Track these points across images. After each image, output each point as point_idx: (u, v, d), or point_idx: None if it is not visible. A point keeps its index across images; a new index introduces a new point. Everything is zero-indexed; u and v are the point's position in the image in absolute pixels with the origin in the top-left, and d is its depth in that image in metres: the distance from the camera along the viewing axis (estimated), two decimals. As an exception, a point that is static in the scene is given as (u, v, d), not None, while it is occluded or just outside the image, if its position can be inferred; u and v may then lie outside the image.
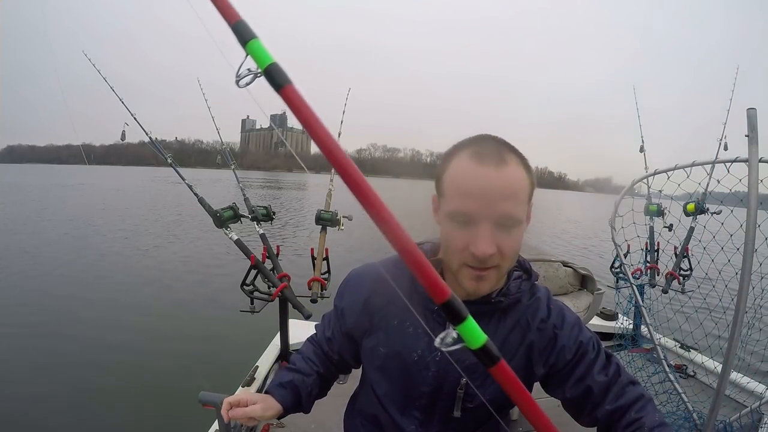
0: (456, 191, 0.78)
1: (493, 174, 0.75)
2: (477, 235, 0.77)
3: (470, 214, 0.76)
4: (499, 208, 0.75)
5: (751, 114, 1.64)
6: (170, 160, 2.66)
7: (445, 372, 0.94)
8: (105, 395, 3.92)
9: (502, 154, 0.77)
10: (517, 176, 0.78)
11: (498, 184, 0.75)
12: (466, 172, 0.77)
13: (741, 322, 1.69)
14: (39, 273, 8.13)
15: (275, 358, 2.85)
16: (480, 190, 0.75)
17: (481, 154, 0.77)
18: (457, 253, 0.81)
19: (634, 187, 2.38)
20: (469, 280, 0.82)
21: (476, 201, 0.76)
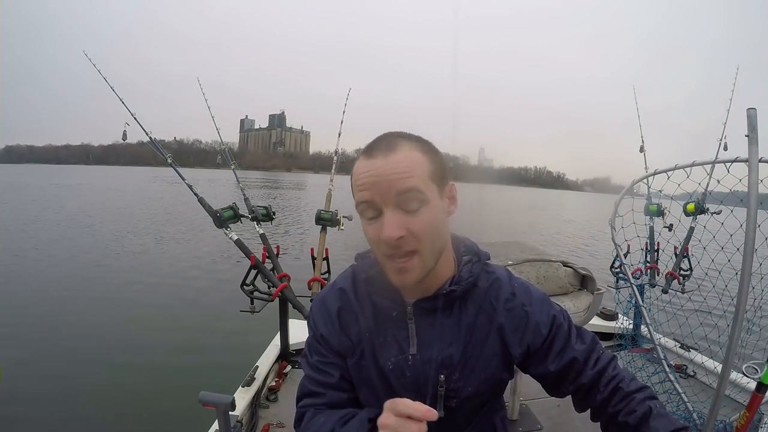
0: (355, 188, 0.81)
1: (380, 162, 0.77)
2: (382, 222, 0.77)
3: (369, 203, 0.78)
4: (393, 189, 0.76)
5: (751, 114, 1.64)
6: (170, 159, 2.66)
7: (421, 373, 0.93)
8: (105, 395, 3.91)
9: (392, 144, 0.79)
10: (409, 157, 0.78)
11: (386, 168, 0.76)
12: (359, 169, 0.80)
13: (741, 322, 1.69)
14: (39, 273, 8.14)
15: (275, 358, 2.85)
16: (370, 178, 0.77)
17: (371, 148, 0.80)
18: (375, 248, 0.83)
19: (634, 186, 2.38)
20: (393, 273, 0.82)
21: (369, 190, 0.77)
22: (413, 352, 0.92)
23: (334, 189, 3.06)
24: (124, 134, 2.54)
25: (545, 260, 2.34)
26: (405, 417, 0.71)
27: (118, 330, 5.45)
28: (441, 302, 0.91)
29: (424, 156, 0.80)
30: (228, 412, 1.44)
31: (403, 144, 0.79)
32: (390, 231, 0.76)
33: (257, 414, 2.39)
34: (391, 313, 0.93)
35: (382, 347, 0.94)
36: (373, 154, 0.79)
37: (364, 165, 0.79)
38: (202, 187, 2.64)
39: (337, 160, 3.23)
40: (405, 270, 0.81)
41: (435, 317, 0.92)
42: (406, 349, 0.93)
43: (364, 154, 0.81)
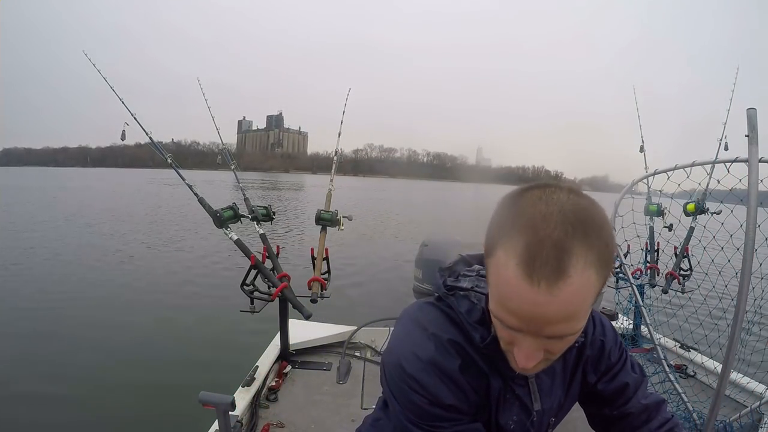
0: (499, 300, 0.63)
1: (543, 298, 0.57)
2: (519, 347, 0.65)
3: (514, 328, 0.63)
4: (548, 330, 0.61)
5: (751, 114, 1.64)
6: (170, 160, 2.66)
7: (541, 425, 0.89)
8: (105, 395, 3.90)
9: (563, 261, 0.56)
10: (581, 290, 0.58)
11: (550, 310, 0.58)
12: (512, 288, 0.59)
13: (741, 322, 1.69)
14: (38, 273, 8.13)
15: (275, 358, 2.85)
16: (527, 315, 0.60)
17: (534, 262, 0.57)
18: (503, 342, 0.70)
19: (633, 186, 2.39)
20: (515, 363, 0.70)
21: (519, 321, 0.61)
22: (537, 408, 0.86)
23: (334, 189, 3.06)
24: (123, 134, 2.54)
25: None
26: None
27: (117, 330, 5.44)
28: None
29: (598, 275, 0.59)
30: (228, 412, 1.44)
31: (577, 263, 0.57)
32: (525, 363, 0.65)
33: (257, 414, 2.39)
34: (512, 373, 0.79)
35: (504, 406, 0.84)
36: (536, 276, 0.57)
37: (520, 288, 0.58)
38: (199, 188, 2.64)
39: (337, 161, 3.23)
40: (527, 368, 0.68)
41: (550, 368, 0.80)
42: (529, 405, 0.85)
43: (519, 266, 0.58)
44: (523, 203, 0.62)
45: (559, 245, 0.56)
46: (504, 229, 0.61)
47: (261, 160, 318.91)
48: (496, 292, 0.63)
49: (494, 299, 0.64)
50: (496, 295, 0.64)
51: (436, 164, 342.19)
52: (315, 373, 2.89)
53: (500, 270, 0.60)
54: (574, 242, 0.57)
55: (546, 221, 0.58)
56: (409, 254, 7.58)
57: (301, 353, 3.06)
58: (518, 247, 0.58)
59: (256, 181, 65.11)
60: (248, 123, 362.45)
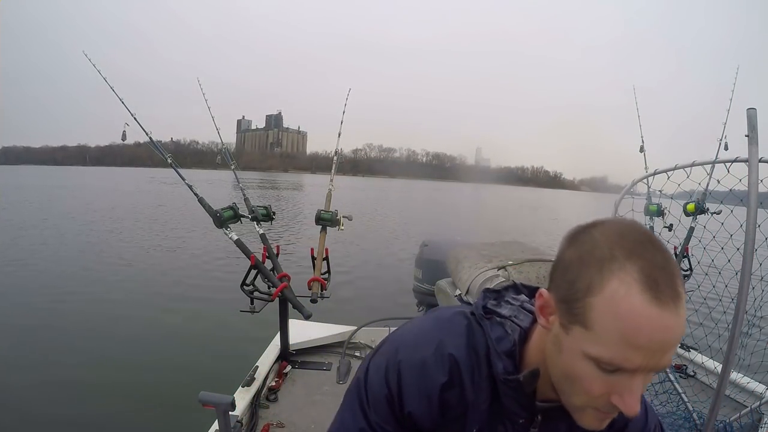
0: (618, 339, 0.56)
1: (672, 320, 0.55)
2: (629, 390, 0.59)
3: (630, 368, 0.57)
4: (665, 360, 0.57)
5: (751, 114, 1.64)
6: (170, 160, 2.66)
7: None
8: (105, 395, 3.90)
9: (675, 281, 0.56)
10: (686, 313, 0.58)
11: (677, 333, 0.56)
12: (642, 318, 0.55)
13: (741, 322, 1.70)
14: (37, 274, 8.12)
15: (275, 358, 2.85)
16: (655, 344, 0.55)
17: (657, 283, 0.55)
18: (586, 397, 0.63)
19: (633, 186, 2.39)
20: (593, 420, 0.65)
21: (644, 355, 0.56)
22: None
23: (334, 189, 3.06)
24: (124, 134, 2.53)
25: (545, 260, 2.34)
26: None
27: (117, 330, 5.45)
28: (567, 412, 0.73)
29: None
30: (228, 412, 1.44)
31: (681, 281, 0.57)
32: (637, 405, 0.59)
33: (257, 414, 2.39)
34: (517, 419, 0.75)
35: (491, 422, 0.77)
36: (663, 299, 0.55)
37: (651, 317, 0.54)
38: (199, 188, 2.64)
39: (337, 161, 3.23)
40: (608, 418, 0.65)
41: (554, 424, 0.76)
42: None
43: (645, 290, 0.55)
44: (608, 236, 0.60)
45: (667, 267, 0.56)
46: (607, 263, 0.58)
47: (260, 159, 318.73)
48: (615, 330, 0.56)
49: (612, 341, 0.56)
50: (615, 335, 0.56)
51: (436, 164, 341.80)
52: (315, 373, 2.89)
53: (621, 303, 0.55)
54: (673, 264, 0.57)
55: (645, 246, 0.58)
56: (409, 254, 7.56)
57: (301, 353, 3.06)
58: (635, 274, 0.56)
59: (255, 181, 65.09)
60: (247, 122, 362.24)
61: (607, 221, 0.63)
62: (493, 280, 2.17)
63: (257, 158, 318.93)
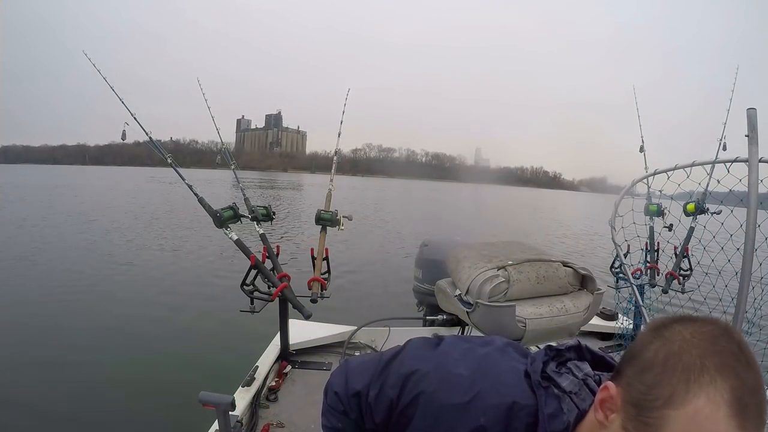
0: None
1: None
2: None
3: None
4: None
5: (751, 114, 1.65)
6: (170, 160, 2.65)
7: None
8: (105, 395, 3.90)
9: (763, 408, 0.52)
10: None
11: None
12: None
13: (741, 322, 1.70)
14: (37, 273, 8.11)
15: (275, 358, 2.85)
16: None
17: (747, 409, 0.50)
18: None
19: (633, 186, 2.39)
20: None
21: None
22: None
23: (334, 189, 3.06)
24: (123, 134, 2.53)
25: (545, 260, 2.34)
26: None
27: (116, 330, 5.43)
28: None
29: None
30: (228, 412, 1.44)
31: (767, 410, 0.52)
32: None
33: (257, 414, 2.38)
34: None
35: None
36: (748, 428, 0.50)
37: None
38: (199, 187, 2.64)
39: (337, 161, 3.23)
40: None
41: None
42: None
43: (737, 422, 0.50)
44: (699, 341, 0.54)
45: (759, 392, 0.51)
46: (695, 374, 0.52)
47: (259, 159, 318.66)
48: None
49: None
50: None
51: (435, 164, 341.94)
52: (315, 373, 2.89)
53: (704, 424, 0.50)
54: (763, 387, 0.52)
55: (740, 361, 0.52)
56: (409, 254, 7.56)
57: (301, 353, 3.06)
58: (725, 394, 0.50)
59: (255, 180, 65.08)
60: (247, 122, 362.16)
61: (699, 320, 0.57)
62: (493, 279, 2.17)
63: (257, 158, 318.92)
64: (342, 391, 0.86)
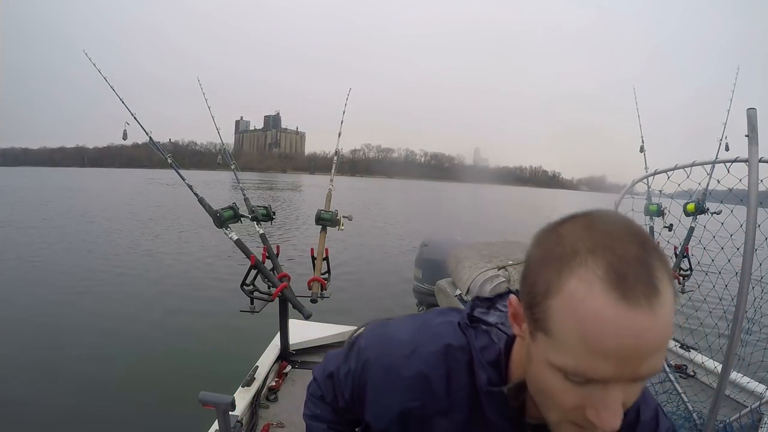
0: (581, 346, 0.48)
1: (647, 322, 0.46)
2: (603, 403, 0.50)
3: (601, 379, 0.49)
4: (645, 368, 0.48)
5: (751, 114, 1.65)
6: (170, 160, 2.65)
7: None
8: (105, 395, 3.90)
9: (652, 272, 0.47)
10: (671, 311, 0.48)
11: (653, 337, 0.46)
12: (605, 321, 0.46)
13: (741, 322, 1.70)
14: (37, 273, 8.13)
15: (275, 358, 2.85)
16: (626, 350, 0.46)
17: (625, 278, 0.46)
18: (559, 411, 0.56)
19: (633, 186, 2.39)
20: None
21: (615, 364, 0.47)
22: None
23: (334, 189, 3.06)
24: (125, 134, 2.53)
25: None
26: None
27: (116, 331, 5.44)
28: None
29: (674, 294, 0.50)
30: (228, 412, 1.43)
31: (662, 277, 0.47)
32: (614, 420, 0.50)
33: (257, 414, 2.39)
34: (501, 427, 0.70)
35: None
36: (633, 297, 0.46)
37: (618, 318, 0.46)
38: (198, 188, 2.64)
39: (337, 161, 3.23)
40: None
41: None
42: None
43: (611, 287, 0.46)
44: (573, 231, 0.52)
45: (642, 260, 0.47)
46: (566, 260, 0.50)
47: (258, 160, 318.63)
48: (576, 336, 0.48)
49: (575, 349, 0.49)
50: (577, 342, 0.48)
51: (434, 164, 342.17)
52: None
53: (580, 305, 0.47)
54: (653, 257, 0.48)
55: (617, 239, 0.49)
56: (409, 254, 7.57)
57: (301, 353, 3.05)
58: (598, 270, 0.47)
59: (254, 181, 65.08)
60: (246, 123, 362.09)
61: (581, 214, 0.55)
62: (494, 279, 2.17)
63: (256, 159, 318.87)
64: (320, 376, 0.92)
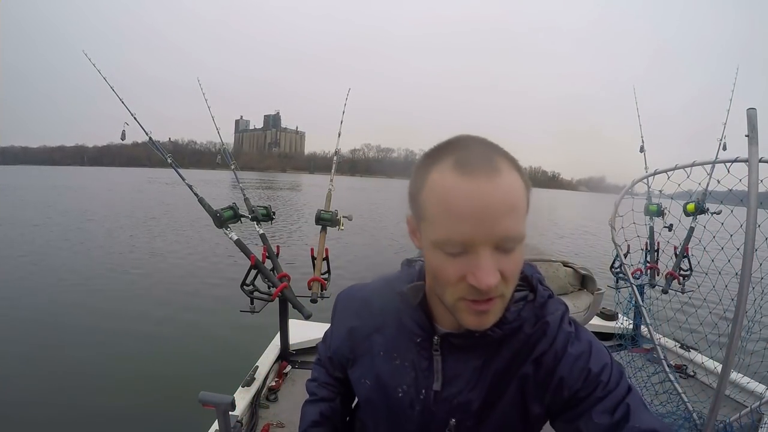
0: (443, 215, 0.61)
1: (487, 187, 0.58)
2: (476, 265, 0.61)
3: (465, 241, 0.60)
4: (500, 228, 0.59)
5: (751, 114, 1.65)
6: (170, 160, 2.65)
7: (432, 412, 0.80)
8: (105, 395, 3.90)
9: (492, 159, 0.60)
10: (515, 184, 0.61)
11: (493, 198, 0.58)
12: (453, 190, 0.59)
13: (741, 322, 1.70)
14: (37, 273, 8.11)
15: (275, 358, 2.85)
16: (474, 210, 0.58)
17: (468, 161, 0.60)
18: (450, 287, 0.65)
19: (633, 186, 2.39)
20: (470, 315, 0.66)
21: (471, 225, 0.59)
22: (436, 389, 0.79)
23: (334, 189, 3.06)
24: (123, 134, 2.53)
25: (545, 260, 2.34)
26: None
27: (116, 331, 5.43)
28: (471, 342, 0.76)
29: (522, 180, 0.63)
30: (228, 412, 1.43)
31: (503, 162, 0.61)
32: (487, 279, 0.60)
33: (257, 414, 2.39)
34: (415, 338, 0.80)
35: (397, 370, 0.83)
36: (473, 171, 0.59)
37: (461, 186, 0.59)
38: (198, 188, 2.64)
39: (337, 161, 3.22)
40: (486, 313, 0.66)
41: (462, 356, 0.78)
42: (423, 381, 0.80)
43: (456, 168, 0.60)
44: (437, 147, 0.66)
45: (485, 153, 0.62)
46: (430, 163, 0.64)
47: (258, 159, 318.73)
48: (438, 209, 0.61)
49: (439, 220, 0.61)
50: (439, 213, 0.61)
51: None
52: None
53: (437, 186, 0.61)
54: (497, 153, 0.62)
55: (469, 146, 0.64)
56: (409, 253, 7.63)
57: (301, 353, 3.05)
58: (450, 161, 0.61)
59: (253, 181, 65.07)
60: (245, 122, 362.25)
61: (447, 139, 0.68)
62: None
63: (255, 158, 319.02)
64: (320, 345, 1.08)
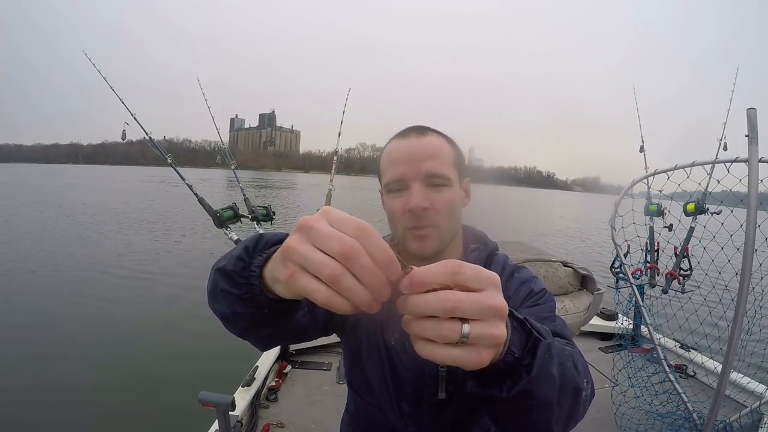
0: (387, 164, 0.89)
1: (414, 141, 0.87)
2: (410, 194, 0.84)
3: (400, 178, 0.86)
4: (424, 167, 0.84)
5: (751, 114, 1.65)
6: (170, 160, 2.63)
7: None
8: (105, 396, 3.88)
9: (423, 129, 0.89)
10: (438, 142, 0.88)
11: (419, 147, 0.86)
12: (393, 147, 0.90)
13: (741, 322, 1.71)
14: (37, 273, 8.08)
15: (275, 359, 2.85)
16: (405, 154, 0.86)
17: (404, 132, 0.90)
18: (398, 220, 0.88)
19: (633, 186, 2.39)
20: (413, 241, 0.87)
21: (403, 165, 0.85)
22: None
23: (334, 189, 3.05)
24: (124, 134, 2.51)
25: (545, 260, 2.34)
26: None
27: (117, 331, 5.42)
28: None
29: (450, 146, 0.90)
30: (228, 412, 1.43)
31: (432, 132, 0.89)
32: (418, 200, 0.83)
33: (257, 414, 2.38)
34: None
35: (390, 322, 0.95)
36: (407, 134, 0.88)
37: (398, 144, 0.89)
38: (197, 187, 2.63)
39: (337, 161, 3.22)
40: (424, 237, 0.86)
41: None
42: None
43: (398, 136, 0.90)
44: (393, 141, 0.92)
45: (418, 127, 0.89)
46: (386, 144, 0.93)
47: (253, 158, 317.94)
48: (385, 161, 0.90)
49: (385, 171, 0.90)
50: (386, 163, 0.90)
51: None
52: (315, 373, 2.89)
53: (386, 150, 0.92)
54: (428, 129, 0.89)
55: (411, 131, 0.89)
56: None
57: (301, 353, 3.05)
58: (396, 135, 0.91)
59: (249, 180, 64.89)
60: (240, 121, 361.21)
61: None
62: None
63: (250, 157, 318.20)
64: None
